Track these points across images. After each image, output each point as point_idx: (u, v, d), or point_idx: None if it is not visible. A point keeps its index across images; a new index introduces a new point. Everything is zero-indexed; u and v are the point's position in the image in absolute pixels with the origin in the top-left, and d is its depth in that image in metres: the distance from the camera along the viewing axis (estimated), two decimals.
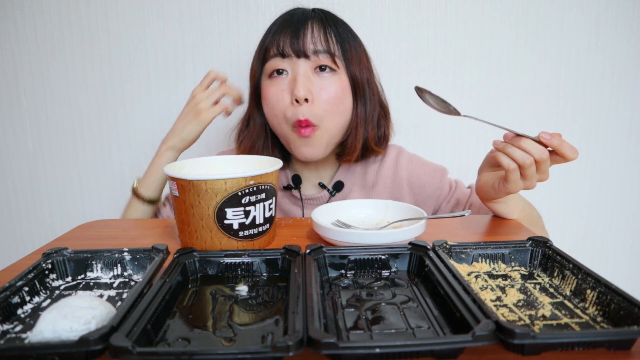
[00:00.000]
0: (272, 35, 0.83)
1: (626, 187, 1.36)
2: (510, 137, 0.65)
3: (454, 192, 0.92)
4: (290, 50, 0.80)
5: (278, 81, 0.82)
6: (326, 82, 0.82)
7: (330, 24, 0.83)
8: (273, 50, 0.82)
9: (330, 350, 0.34)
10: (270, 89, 0.83)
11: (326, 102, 0.82)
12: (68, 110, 1.29)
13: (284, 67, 0.82)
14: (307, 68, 0.81)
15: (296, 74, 0.81)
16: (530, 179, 0.65)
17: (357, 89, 0.86)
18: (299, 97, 0.79)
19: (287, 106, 0.82)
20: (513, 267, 0.55)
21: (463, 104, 1.29)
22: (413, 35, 1.25)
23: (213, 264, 0.54)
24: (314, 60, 0.81)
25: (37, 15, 1.23)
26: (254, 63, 0.87)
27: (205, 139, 1.27)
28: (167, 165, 0.66)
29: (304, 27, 0.81)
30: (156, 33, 1.24)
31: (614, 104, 1.31)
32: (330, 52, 0.81)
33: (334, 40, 0.82)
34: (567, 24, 1.25)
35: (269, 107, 0.84)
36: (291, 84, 0.81)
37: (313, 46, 0.81)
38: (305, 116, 0.80)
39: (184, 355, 0.33)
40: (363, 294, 0.49)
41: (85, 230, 0.74)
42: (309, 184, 0.94)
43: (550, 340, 0.36)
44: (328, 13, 0.86)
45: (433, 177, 0.93)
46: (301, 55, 0.80)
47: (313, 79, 0.81)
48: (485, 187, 0.73)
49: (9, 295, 0.45)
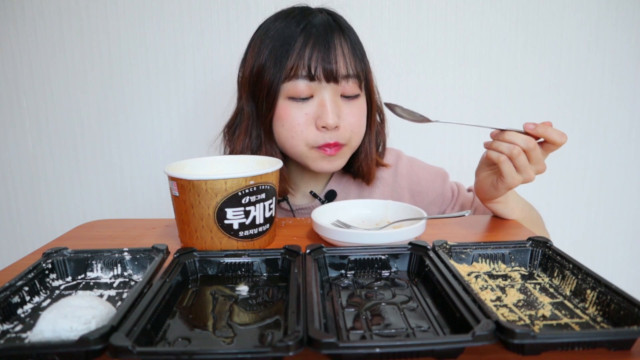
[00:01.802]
0: (297, 50, 0.75)
1: (626, 187, 1.36)
2: (495, 134, 0.68)
3: (458, 198, 0.91)
4: (321, 74, 0.75)
5: (302, 105, 0.77)
6: (352, 107, 0.79)
7: (352, 39, 0.79)
8: (301, 72, 0.75)
9: (330, 350, 0.34)
10: (291, 112, 0.78)
11: (353, 125, 0.80)
12: (68, 110, 1.29)
13: (311, 93, 0.77)
14: (335, 93, 0.78)
15: (323, 99, 0.77)
16: (524, 169, 0.66)
17: (372, 107, 0.85)
18: (329, 125, 0.76)
19: (310, 131, 0.78)
20: (513, 267, 0.55)
21: (463, 104, 1.29)
22: (413, 35, 1.25)
23: (213, 264, 0.54)
24: (342, 86, 0.77)
25: (37, 15, 1.23)
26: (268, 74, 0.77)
27: (205, 138, 1.27)
28: (167, 165, 0.66)
29: (334, 45, 0.76)
30: (156, 33, 1.24)
31: (614, 104, 1.31)
32: (359, 77, 0.79)
33: (358, 60, 0.79)
34: (567, 24, 1.25)
35: (286, 129, 0.79)
36: (318, 110, 0.77)
37: (345, 71, 0.77)
38: (334, 139, 0.78)
39: (184, 355, 0.33)
40: (363, 294, 0.49)
41: (85, 230, 0.74)
42: (299, 192, 0.91)
43: (550, 340, 0.36)
44: (341, 19, 0.82)
45: (435, 182, 0.91)
46: (331, 80, 0.76)
47: (340, 104, 0.78)
48: (484, 186, 0.73)
49: (9, 295, 0.45)
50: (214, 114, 1.27)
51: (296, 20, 0.78)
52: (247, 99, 0.82)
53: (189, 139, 1.31)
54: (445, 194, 0.91)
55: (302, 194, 0.91)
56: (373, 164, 0.86)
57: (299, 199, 0.91)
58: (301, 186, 0.91)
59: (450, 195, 0.92)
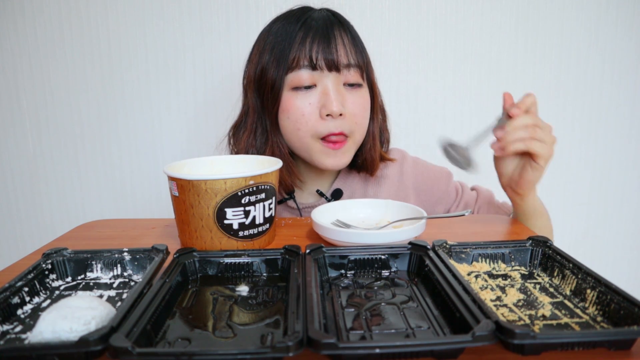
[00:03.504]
0: (298, 43, 0.77)
1: (626, 187, 1.36)
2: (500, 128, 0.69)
3: (462, 196, 0.92)
4: (323, 63, 0.76)
5: (305, 94, 0.78)
6: (356, 96, 0.80)
7: (352, 32, 0.81)
8: (303, 62, 0.77)
9: (330, 350, 0.34)
10: (295, 102, 0.79)
11: (357, 116, 0.80)
12: (68, 110, 1.29)
13: (314, 82, 0.78)
14: (338, 82, 0.79)
15: (326, 87, 0.78)
16: (546, 137, 0.68)
17: (375, 99, 0.85)
18: (333, 112, 0.76)
19: (315, 121, 0.79)
20: (513, 267, 0.55)
21: (463, 104, 1.29)
22: (413, 35, 1.25)
23: (213, 264, 0.54)
24: (344, 75, 0.78)
25: (37, 15, 1.23)
26: (272, 69, 0.79)
27: (205, 138, 1.27)
28: (166, 165, 0.66)
29: (334, 36, 0.77)
30: (156, 33, 1.24)
31: (614, 104, 1.31)
32: (360, 66, 0.79)
33: (359, 51, 0.80)
34: (567, 24, 1.25)
35: (292, 120, 0.80)
36: (322, 98, 0.78)
37: (346, 60, 0.78)
38: (339, 128, 0.78)
39: (183, 355, 0.33)
40: (363, 294, 0.49)
41: (85, 230, 0.74)
42: (306, 191, 0.91)
43: (550, 340, 0.36)
44: (340, 15, 0.83)
45: (439, 182, 0.92)
46: (333, 68, 0.77)
47: (343, 92, 0.79)
48: (519, 177, 0.72)
49: (8, 295, 0.45)
50: (214, 114, 1.28)
51: (296, 17, 0.80)
52: (252, 96, 0.84)
53: (189, 138, 1.31)
54: (449, 192, 0.92)
55: (309, 192, 0.92)
56: (377, 156, 0.87)
57: (306, 197, 0.92)
58: (308, 184, 0.91)
59: (454, 194, 0.92)
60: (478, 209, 0.91)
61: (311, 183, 0.91)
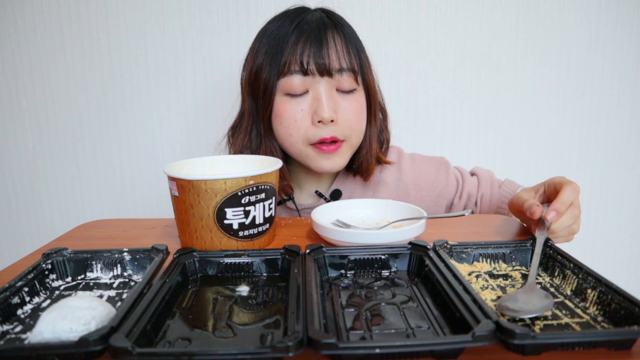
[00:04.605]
0: (290, 46, 0.76)
1: (626, 187, 1.36)
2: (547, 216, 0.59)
3: (464, 186, 0.91)
4: (315, 68, 0.76)
5: (297, 100, 0.78)
6: (349, 101, 0.79)
7: (347, 34, 0.80)
8: (294, 67, 0.76)
9: (330, 350, 0.34)
10: (287, 108, 0.78)
11: (351, 121, 0.79)
12: (68, 110, 1.29)
13: (306, 88, 0.77)
14: (330, 87, 0.78)
15: (318, 93, 0.77)
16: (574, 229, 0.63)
17: (372, 102, 0.84)
18: (324, 119, 0.76)
19: (307, 127, 0.78)
20: (514, 267, 0.55)
21: (463, 104, 1.29)
22: (413, 35, 1.24)
23: (213, 264, 0.54)
24: (337, 79, 0.77)
25: (37, 15, 1.23)
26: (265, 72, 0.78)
27: (204, 139, 1.27)
28: (166, 165, 0.66)
29: (326, 40, 0.76)
30: (156, 33, 1.24)
31: (614, 104, 1.31)
32: (354, 70, 0.79)
33: (353, 54, 0.79)
34: (567, 24, 1.25)
35: (284, 126, 0.79)
36: (313, 104, 0.77)
37: (338, 64, 0.77)
38: (331, 134, 0.78)
39: (183, 355, 0.33)
40: (363, 294, 0.48)
41: (85, 230, 0.74)
42: (305, 192, 0.91)
43: (551, 340, 0.36)
44: (336, 16, 0.82)
45: (438, 174, 0.91)
46: (325, 74, 0.76)
47: (336, 98, 0.78)
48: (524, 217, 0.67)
49: (8, 295, 0.45)
50: (214, 114, 1.28)
51: (290, 19, 0.79)
52: (247, 99, 0.83)
53: (189, 138, 1.31)
54: (450, 184, 0.91)
55: (308, 194, 0.91)
56: (373, 160, 0.86)
57: (305, 199, 0.91)
58: (306, 186, 0.91)
59: (455, 185, 0.92)
60: (481, 196, 0.90)
61: (309, 185, 0.91)
